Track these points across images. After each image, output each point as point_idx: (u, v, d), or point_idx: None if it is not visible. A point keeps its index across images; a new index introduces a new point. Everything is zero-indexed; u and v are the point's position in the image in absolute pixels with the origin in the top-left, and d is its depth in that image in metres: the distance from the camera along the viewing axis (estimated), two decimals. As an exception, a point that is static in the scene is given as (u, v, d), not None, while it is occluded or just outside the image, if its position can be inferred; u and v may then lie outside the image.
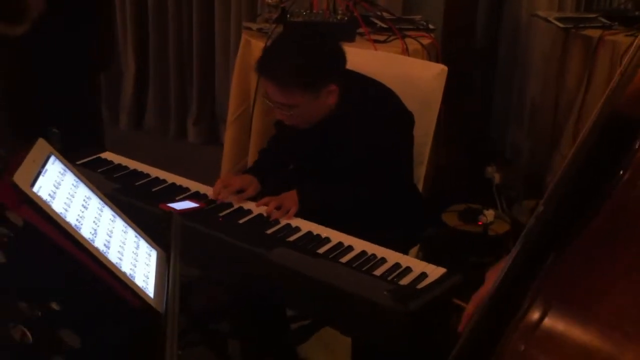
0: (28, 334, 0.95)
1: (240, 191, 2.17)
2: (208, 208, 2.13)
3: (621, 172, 0.88)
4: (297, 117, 2.12)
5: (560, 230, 0.94)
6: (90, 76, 3.23)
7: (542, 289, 0.86)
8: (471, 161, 3.68)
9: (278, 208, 2.08)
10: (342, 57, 2.15)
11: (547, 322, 0.81)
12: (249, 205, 2.15)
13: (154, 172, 2.36)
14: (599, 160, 0.92)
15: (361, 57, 2.45)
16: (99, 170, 2.35)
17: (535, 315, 0.82)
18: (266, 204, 2.11)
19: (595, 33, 3.16)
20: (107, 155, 2.48)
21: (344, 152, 2.17)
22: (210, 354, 2.14)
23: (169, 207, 2.07)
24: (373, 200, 2.15)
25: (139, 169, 2.37)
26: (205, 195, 2.22)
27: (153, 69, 4.58)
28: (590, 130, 0.92)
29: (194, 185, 2.28)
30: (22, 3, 2.71)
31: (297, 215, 2.09)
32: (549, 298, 0.83)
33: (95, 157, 2.45)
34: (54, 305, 0.93)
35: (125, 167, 2.39)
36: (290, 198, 2.12)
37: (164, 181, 2.30)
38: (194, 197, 2.20)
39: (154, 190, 2.25)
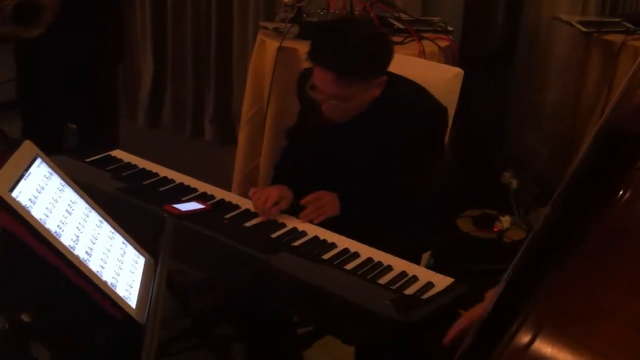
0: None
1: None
2: (214, 210, 2.10)
3: (622, 191, 0.83)
4: (344, 109, 2.04)
5: (558, 245, 0.90)
6: (105, 72, 3.23)
7: (534, 309, 0.82)
8: (487, 166, 3.63)
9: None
10: (392, 48, 2.08)
11: (537, 345, 0.77)
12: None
13: (163, 171, 2.33)
14: (598, 175, 0.88)
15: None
16: (107, 169, 2.33)
17: (525, 338, 0.78)
18: (308, 202, 2.06)
19: (618, 38, 3.09)
20: (117, 153, 2.46)
21: (381, 145, 2.08)
22: (214, 357, 2.11)
23: (173, 208, 2.05)
24: (409, 203, 2.09)
25: (148, 168, 2.35)
26: (212, 196, 2.19)
27: (171, 67, 4.58)
28: (591, 144, 0.88)
29: (202, 186, 2.25)
30: (38, 6, 2.72)
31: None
32: (540, 320, 0.80)
33: (104, 154, 2.44)
34: (25, 317, 0.90)
35: (134, 166, 2.36)
36: (332, 202, 2.07)
37: (172, 181, 2.28)
38: (201, 198, 2.17)
39: (160, 190, 2.22)
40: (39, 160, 1.07)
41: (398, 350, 1.72)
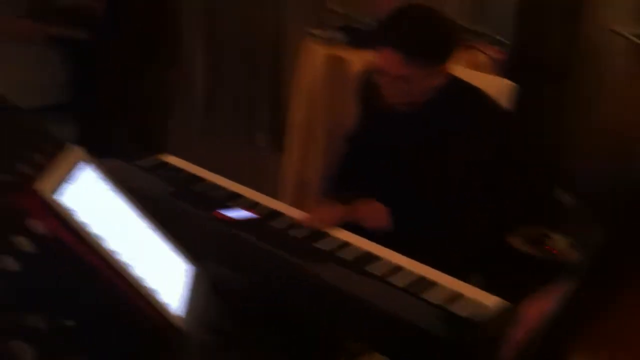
0: (28, 351, 0.92)
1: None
2: (262, 218, 2.09)
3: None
4: (407, 92, 2.07)
5: (616, 266, 0.87)
6: (155, 77, 3.26)
7: (590, 336, 0.79)
8: (540, 182, 3.55)
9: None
10: (457, 40, 2.14)
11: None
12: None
13: (214, 178, 2.34)
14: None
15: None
16: (158, 173, 2.34)
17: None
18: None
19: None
20: (169, 158, 2.47)
21: (442, 138, 2.10)
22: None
23: (223, 214, 2.05)
24: (464, 221, 2.08)
25: (198, 174, 2.36)
26: (261, 205, 2.18)
27: (225, 73, 4.61)
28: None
29: (252, 194, 2.25)
30: (88, 8, 2.77)
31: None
32: (595, 350, 0.76)
33: (155, 159, 2.45)
34: (68, 322, 0.89)
35: (186, 171, 2.37)
36: (380, 213, 2.09)
37: (223, 188, 2.28)
38: (250, 206, 2.16)
39: (211, 196, 2.23)
40: (85, 164, 1.07)
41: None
